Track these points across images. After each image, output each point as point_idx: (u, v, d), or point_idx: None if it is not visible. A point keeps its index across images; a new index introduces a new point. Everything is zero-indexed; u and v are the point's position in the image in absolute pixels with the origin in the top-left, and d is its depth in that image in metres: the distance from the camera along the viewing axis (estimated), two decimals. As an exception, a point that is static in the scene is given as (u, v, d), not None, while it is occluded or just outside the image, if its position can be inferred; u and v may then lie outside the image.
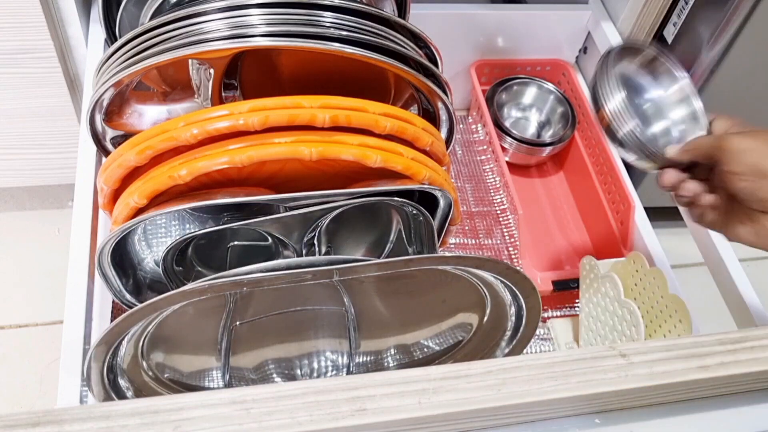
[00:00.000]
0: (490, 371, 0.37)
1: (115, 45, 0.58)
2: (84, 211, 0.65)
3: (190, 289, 0.48)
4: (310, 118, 0.52)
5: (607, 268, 0.78)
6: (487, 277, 0.56)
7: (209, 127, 0.51)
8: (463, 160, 1.01)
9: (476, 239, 0.93)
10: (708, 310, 0.79)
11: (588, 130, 0.99)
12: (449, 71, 0.69)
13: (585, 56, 1.05)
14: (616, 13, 0.96)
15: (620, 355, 0.38)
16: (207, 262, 0.62)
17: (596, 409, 0.40)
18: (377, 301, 0.61)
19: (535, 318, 0.59)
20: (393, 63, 0.57)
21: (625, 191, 0.88)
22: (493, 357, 0.63)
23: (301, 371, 0.64)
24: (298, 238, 0.58)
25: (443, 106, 0.63)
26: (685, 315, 0.68)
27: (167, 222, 0.62)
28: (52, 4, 0.76)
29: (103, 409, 0.33)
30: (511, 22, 0.99)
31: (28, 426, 0.32)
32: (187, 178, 0.52)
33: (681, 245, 0.94)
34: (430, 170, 0.57)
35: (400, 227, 0.63)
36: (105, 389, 0.53)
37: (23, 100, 0.85)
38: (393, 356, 0.65)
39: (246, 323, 0.59)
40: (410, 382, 0.36)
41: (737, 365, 0.39)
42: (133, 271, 0.60)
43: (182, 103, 0.66)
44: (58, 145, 0.92)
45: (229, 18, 0.55)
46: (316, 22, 0.55)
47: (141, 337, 0.53)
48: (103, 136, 0.63)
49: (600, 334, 0.78)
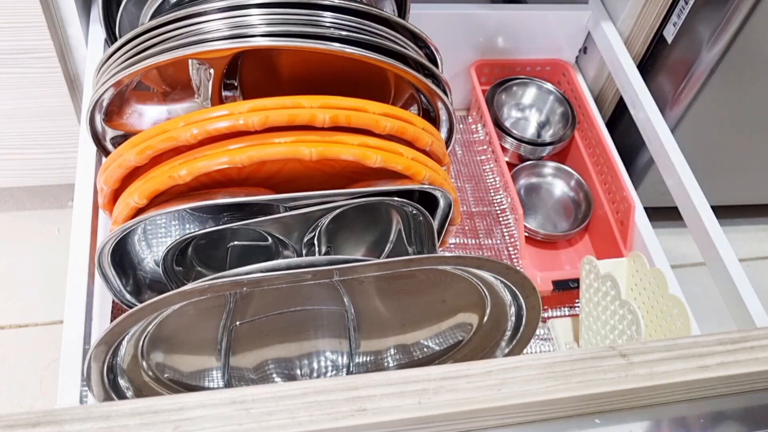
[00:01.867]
0: (490, 371, 0.37)
1: (115, 45, 0.58)
2: (84, 211, 0.65)
3: (190, 289, 0.48)
4: (310, 118, 0.52)
5: (607, 268, 0.78)
6: (487, 277, 0.56)
7: (209, 127, 0.51)
8: (463, 160, 1.01)
9: (476, 239, 0.93)
10: (708, 310, 0.79)
11: (588, 130, 0.99)
12: (449, 71, 0.69)
13: (585, 56, 1.05)
14: (616, 13, 0.96)
15: (620, 355, 0.38)
16: (207, 262, 0.62)
17: (596, 409, 0.40)
18: (377, 301, 0.61)
19: (535, 318, 0.59)
20: (393, 63, 0.57)
21: (625, 191, 0.88)
22: (493, 357, 0.63)
23: (301, 371, 0.64)
24: (298, 238, 0.58)
25: (443, 106, 0.63)
26: (685, 315, 0.68)
27: (167, 222, 0.62)
28: (52, 4, 0.76)
29: (103, 409, 0.33)
30: (511, 22, 0.99)
31: (28, 426, 0.32)
32: (187, 178, 0.52)
33: (681, 245, 0.95)
34: (430, 170, 0.57)
35: (400, 227, 0.63)
36: (105, 389, 0.53)
37: (23, 100, 0.85)
38: (393, 356, 0.65)
39: (246, 323, 0.59)
40: (410, 382, 0.36)
41: (737, 365, 0.39)
42: (133, 271, 0.60)
43: (182, 103, 0.66)
44: (58, 145, 0.92)
45: (229, 18, 0.55)
46: (316, 22, 0.55)
47: (141, 337, 0.53)
48: (103, 136, 0.63)
49: (600, 334, 0.78)
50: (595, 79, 1.03)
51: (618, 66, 0.92)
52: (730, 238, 0.73)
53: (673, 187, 0.80)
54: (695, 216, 0.75)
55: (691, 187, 0.77)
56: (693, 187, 0.77)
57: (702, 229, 0.74)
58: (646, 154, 0.96)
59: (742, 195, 1.12)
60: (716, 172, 1.03)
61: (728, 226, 0.98)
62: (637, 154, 0.99)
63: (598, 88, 1.04)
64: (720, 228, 0.74)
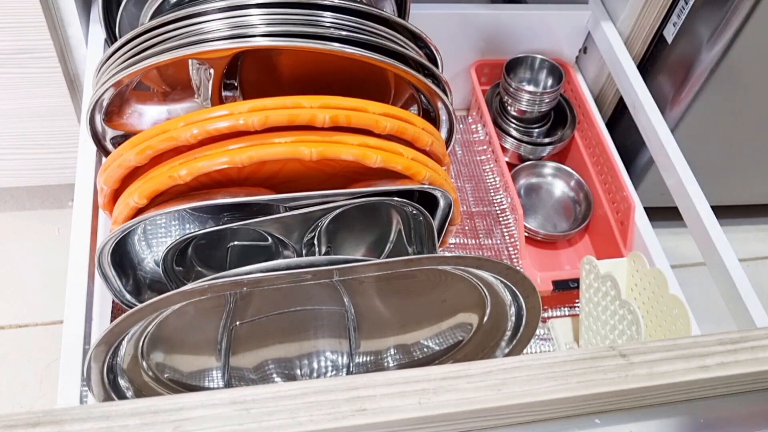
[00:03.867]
0: (490, 371, 0.37)
1: (115, 45, 0.58)
2: (84, 211, 0.65)
3: (190, 289, 0.48)
4: (310, 118, 0.52)
5: (607, 268, 0.78)
6: (487, 277, 0.56)
7: (209, 127, 0.51)
8: (463, 160, 1.01)
9: (476, 239, 0.93)
10: (708, 310, 0.79)
11: (588, 130, 0.99)
12: (449, 71, 0.69)
13: (585, 56, 1.05)
14: (616, 13, 0.96)
15: (620, 355, 0.38)
16: (207, 262, 0.62)
17: (596, 409, 0.40)
18: (377, 301, 0.61)
19: (535, 318, 0.59)
20: (393, 63, 0.57)
21: (625, 191, 0.88)
22: (493, 357, 0.63)
23: (301, 371, 0.64)
24: (298, 238, 0.58)
25: (443, 106, 0.63)
26: (685, 315, 0.68)
27: (167, 222, 0.62)
28: (52, 5, 0.76)
29: (103, 409, 0.33)
30: (511, 22, 0.99)
31: (28, 426, 0.32)
32: (187, 178, 0.52)
33: (681, 245, 0.95)
34: (430, 170, 0.57)
35: (400, 227, 0.63)
36: (105, 389, 0.53)
37: (23, 100, 0.85)
38: (393, 356, 0.65)
39: (246, 323, 0.59)
40: (410, 382, 0.36)
41: (737, 365, 0.39)
42: (133, 271, 0.60)
43: (182, 103, 0.66)
44: (58, 145, 0.92)
45: (229, 18, 0.55)
46: (316, 22, 0.55)
47: (141, 337, 0.53)
48: (103, 136, 0.63)
49: (600, 334, 0.78)
50: (595, 79, 1.03)
51: (618, 66, 0.92)
52: (730, 238, 0.73)
53: (673, 187, 0.80)
54: (695, 216, 0.75)
55: (691, 187, 0.77)
56: (693, 187, 0.77)
57: (702, 229, 0.74)
58: (646, 154, 0.96)
59: (742, 195, 1.12)
60: (716, 172, 1.03)
61: (728, 226, 0.98)
62: (637, 154, 0.99)
63: (598, 88, 1.04)
64: (720, 228, 0.74)
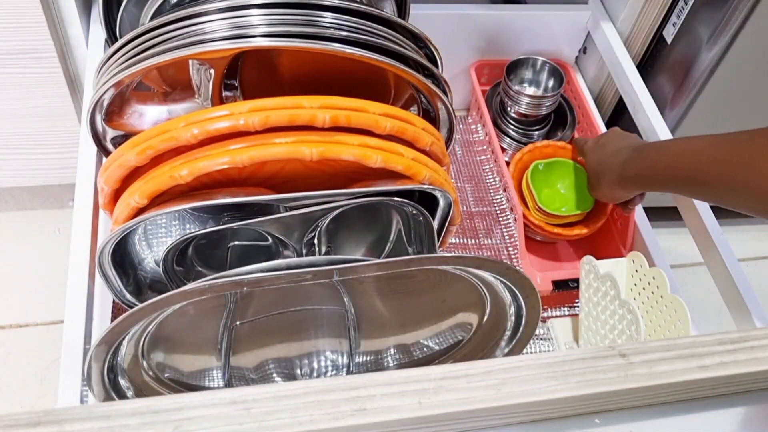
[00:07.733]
0: (490, 371, 0.37)
1: (116, 45, 0.58)
2: (84, 211, 0.65)
3: (191, 289, 0.48)
4: (311, 119, 0.52)
5: (607, 268, 0.78)
6: (487, 277, 0.56)
7: (210, 127, 0.51)
8: (463, 160, 1.01)
9: (476, 239, 0.93)
10: (708, 310, 0.79)
11: (588, 130, 0.99)
12: (449, 71, 0.69)
13: (585, 56, 1.05)
14: (616, 13, 0.96)
15: (620, 355, 0.38)
16: (207, 262, 0.62)
17: (596, 409, 0.40)
18: (377, 301, 0.61)
19: (535, 318, 0.59)
20: (393, 63, 0.57)
21: (625, 191, 0.88)
22: (493, 357, 0.63)
23: (301, 371, 0.64)
24: (298, 238, 0.58)
25: (443, 107, 0.64)
26: (685, 315, 0.68)
27: (168, 222, 0.62)
28: (53, 5, 0.76)
29: (103, 409, 0.33)
30: (511, 22, 0.99)
31: (28, 426, 0.32)
32: (187, 178, 0.52)
33: (681, 245, 0.94)
34: (430, 170, 0.57)
35: (400, 227, 0.63)
36: (105, 389, 0.53)
37: (24, 100, 0.86)
38: (393, 356, 0.65)
39: (246, 323, 0.59)
40: (410, 382, 0.36)
41: (737, 365, 0.39)
42: (133, 271, 0.60)
43: (182, 103, 0.66)
44: (59, 145, 0.92)
45: (230, 18, 0.55)
46: (316, 22, 0.55)
47: (141, 337, 0.53)
48: (104, 136, 0.63)
49: (599, 334, 0.78)
50: (595, 79, 1.03)
51: (618, 66, 0.92)
52: (730, 238, 0.73)
53: (673, 187, 0.80)
54: (695, 216, 0.75)
55: (690, 187, 0.77)
56: (693, 187, 0.77)
57: (702, 229, 0.74)
58: (646, 154, 0.96)
59: (741, 195, 1.11)
60: (716, 172, 1.03)
61: (728, 226, 0.98)
62: (637, 154, 0.99)
63: (598, 88, 1.04)
64: (719, 228, 0.74)
